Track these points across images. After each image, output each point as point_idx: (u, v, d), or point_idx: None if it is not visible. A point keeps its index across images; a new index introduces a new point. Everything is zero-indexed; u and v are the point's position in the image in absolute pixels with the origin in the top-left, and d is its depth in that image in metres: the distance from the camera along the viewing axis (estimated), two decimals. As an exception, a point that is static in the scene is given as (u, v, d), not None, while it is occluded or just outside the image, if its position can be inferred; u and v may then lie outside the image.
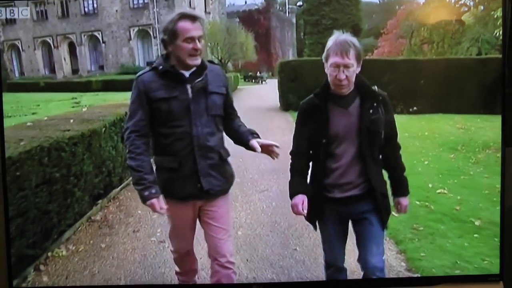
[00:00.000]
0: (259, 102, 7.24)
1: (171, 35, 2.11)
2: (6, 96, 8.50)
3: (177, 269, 2.67)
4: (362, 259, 2.15)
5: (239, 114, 2.49)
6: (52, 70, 10.18)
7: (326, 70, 2.01)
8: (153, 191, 2.15)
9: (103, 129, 3.84)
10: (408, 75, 7.23)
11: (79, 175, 3.22)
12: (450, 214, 3.63)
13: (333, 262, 2.32)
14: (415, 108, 6.95)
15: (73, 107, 7.68)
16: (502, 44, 2.89)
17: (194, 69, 2.18)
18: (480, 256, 3.12)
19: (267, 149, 2.30)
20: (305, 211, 2.15)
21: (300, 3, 10.57)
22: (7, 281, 2.49)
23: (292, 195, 2.20)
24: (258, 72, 10.59)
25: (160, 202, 2.17)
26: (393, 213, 2.31)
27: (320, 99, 2.10)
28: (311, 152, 2.20)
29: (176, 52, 2.15)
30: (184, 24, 2.08)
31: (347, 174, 2.11)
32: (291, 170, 2.26)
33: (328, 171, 2.13)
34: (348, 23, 9.59)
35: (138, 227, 3.47)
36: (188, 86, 2.17)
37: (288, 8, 11.11)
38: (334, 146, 2.08)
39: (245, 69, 10.62)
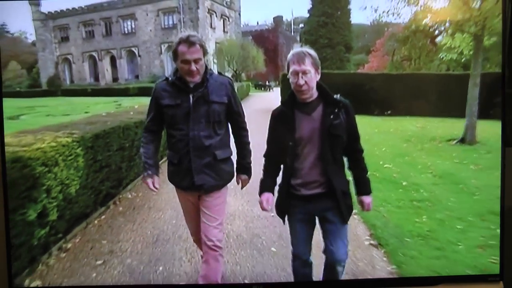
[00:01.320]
0: (266, 106, 7.08)
1: (174, 55, 2.23)
2: (61, 100, 9.72)
3: (200, 252, 2.77)
4: (327, 252, 2.24)
5: (250, 114, 2.59)
6: (96, 78, 11.00)
7: (290, 81, 2.09)
8: (150, 172, 2.41)
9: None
10: (383, 86, 8.05)
11: (138, 147, 3.76)
12: (389, 178, 4.51)
13: (299, 255, 2.37)
14: (389, 112, 7.69)
15: (116, 108, 8.49)
16: (502, 44, 2.89)
17: (197, 81, 2.29)
18: (402, 201, 3.86)
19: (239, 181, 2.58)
20: (270, 208, 2.27)
21: (302, 25, 10.97)
22: (7, 281, 2.46)
23: (260, 193, 2.30)
24: (267, 82, 11.12)
25: (154, 182, 2.42)
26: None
27: (287, 107, 2.16)
28: (281, 154, 2.24)
29: (178, 69, 2.29)
30: (182, 48, 2.17)
31: (311, 174, 2.16)
32: (263, 170, 2.34)
33: (295, 171, 2.19)
34: (341, 42, 10.21)
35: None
36: (191, 96, 2.27)
37: (293, 28, 11.51)
38: (300, 148, 2.14)
39: (256, 79, 11.09)
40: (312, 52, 2.06)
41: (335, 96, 2.09)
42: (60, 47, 10.79)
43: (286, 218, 2.28)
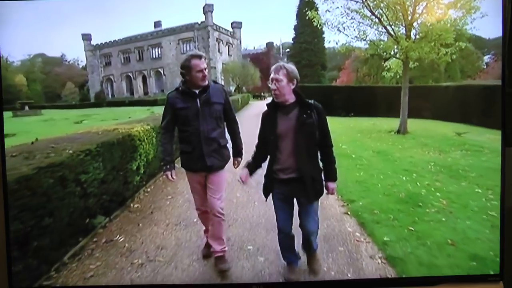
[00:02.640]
0: (261, 110, 8.09)
1: (187, 69, 2.35)
2: (107, 109, 10.50)
3: (204, 227, 2.84)
4: (301, 226, 2.31)
5: (249, 116, 3.01)
6: (131, 93, 11.44)
7: None
8: (168, 167, 2.51)
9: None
10: (347, 95, 9.01)
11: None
12: (344, 154, 5.38)
13: (282, 229, 2.38)
14: (352, 114, 8.60)
15: (151, 113, 8.91)
16: (502, 44, 2.77)
17: (201, 88, 2.39)
18: (350, 165, 4.70)
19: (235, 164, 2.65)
20: (245, 182, 2.35)
21: (288, 50, 11.29)
22: (7, 281, 2.38)
23: (243, 169, 2.39)
24: (262, 93, 11.42)
25: (172, 174, 2.53)
26: None
27: (270, 109, 2.23)
28: (266, 145, 2.28)
29: (192, 79, 2.37)
30: (195, 61, 2.32)
31: (287, 161, 2.20)
32: (252, 156, 2.39)
33: (275, 159, 2.24)
34: (318, 62, 10.71)
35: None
36: (198, 100, 2.38)
37: (282, 51, 11.55)
38: (279, 142, 2.19)
39: (254, 91, 11.45)
40: (289, 66, 2.13)
41: (309, 101, 2.15)
42: (104, 70, 11.35)
43: (270, 197, 2.34)
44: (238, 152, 2.68)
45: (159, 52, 10.99)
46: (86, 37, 11.11)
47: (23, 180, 2.13)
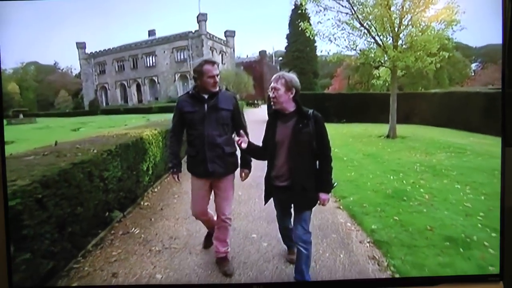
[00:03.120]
0: (255, 118, 7.78)
1: (199, 74, 2.39)
2: (103, 117, 10.92)
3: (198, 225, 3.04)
4: (293, 231, 2.38)
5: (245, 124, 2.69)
6: (126, 100, 11.89)
7: None
8: (175, 169, 2.64)
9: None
10: (339, 102, 9.49)
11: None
12: (336, 156, 4.84)
13: (281, 225, 2.60)
14: (344, 120, 9.08)
15: (147, 121, 9.07)
16: (502, 44, 2.78)
17: (210, 94, 2.44)
18: (342, 167, 5.06)
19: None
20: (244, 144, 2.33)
21: (280, 58, 11.90)
22: (7, 281, 2.42)
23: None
24: (255, 101, 11.86)
25: (179, 177, 2.66)
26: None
27: (271, 117, 2.30)
28: (267, 151, 2.35)
29: (203, 84, 2.41)
30: (208, 67, 2.37)
31: (281, 169, 2.26)
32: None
33: (273, 166, 2.31)
34: (310, 70, 11.27)
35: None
36: (206, 105, 2.43)
37: (274, 59, 12.36)
38: (277, 149, 2.26)
39: (247, 99, 11.77)
40: (288, 76, 2.21)
41: (308, 111, 2.19)
42: (98, 78, 11.75)
43: (269, 201, 2.46)
44: (245, 163, 2.67)
45: (153, 61, 11.36)
46: (81, 46, 11.49)
47: (62, 173, 2.57)
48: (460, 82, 10.39)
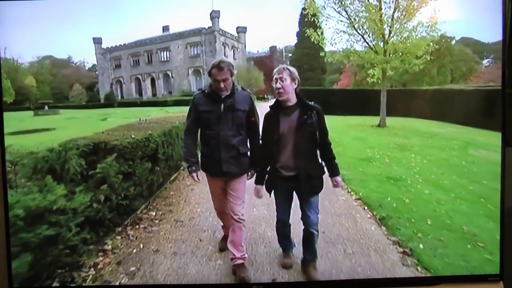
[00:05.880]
0: (265, 110, 10.00)
1: (209, 75, 2.78)
2: (123, 109, 13.77)
3: (221, 223, 3.33)
4: (302, 218, 2.75)
5: (260, 116, 2.88)
6: (140, 94, 13.02)
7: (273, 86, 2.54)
8: (194, 168, 2.93)
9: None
10: (342, 97, 11.60)
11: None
12: (332, 139, 8.29)
13: (281, 218, 2.88)
14: (347, 113, 11.00)
15: (166, 112, 10.40)
16: (502, 44, 3.11)
17: (227, 93, 2.77)
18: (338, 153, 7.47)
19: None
20: (260, 195, 2.81)
21: (290, 54, 13.00)
22: (7, 281, 2.66)
23: (254, 188, 2.89)
24: (265, 95, 12.57)
25: (197, 176, 2.94)
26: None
27: (274, 110, 2.65)
28: (270, 145, 2.68)
29: (213, 85, 2.78)
30: (213, 71, 2.72)
31: (288, 160, 2.64)
32: (258, 161, 2.83)
33: (278, 158, 2.67)
34: (318, 67, 12.77)
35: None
36: (222, 104, 2.77)
37: (284, 55, 13.14)
38: (281, 141, 2.63)
39: (257, 93, 12.35)
40: (291, 68, 2.60)
41: (310, 103, 2.52)
42: (114, 72, 13.00)
43: (272, 192, 2.78)
44: (252, 163, 2.99)
45: (168, 55, 12.55)
46: (97, 41, 12.59)
47: (167, 131, 5.54)
48: (467, 78, 12.02)
